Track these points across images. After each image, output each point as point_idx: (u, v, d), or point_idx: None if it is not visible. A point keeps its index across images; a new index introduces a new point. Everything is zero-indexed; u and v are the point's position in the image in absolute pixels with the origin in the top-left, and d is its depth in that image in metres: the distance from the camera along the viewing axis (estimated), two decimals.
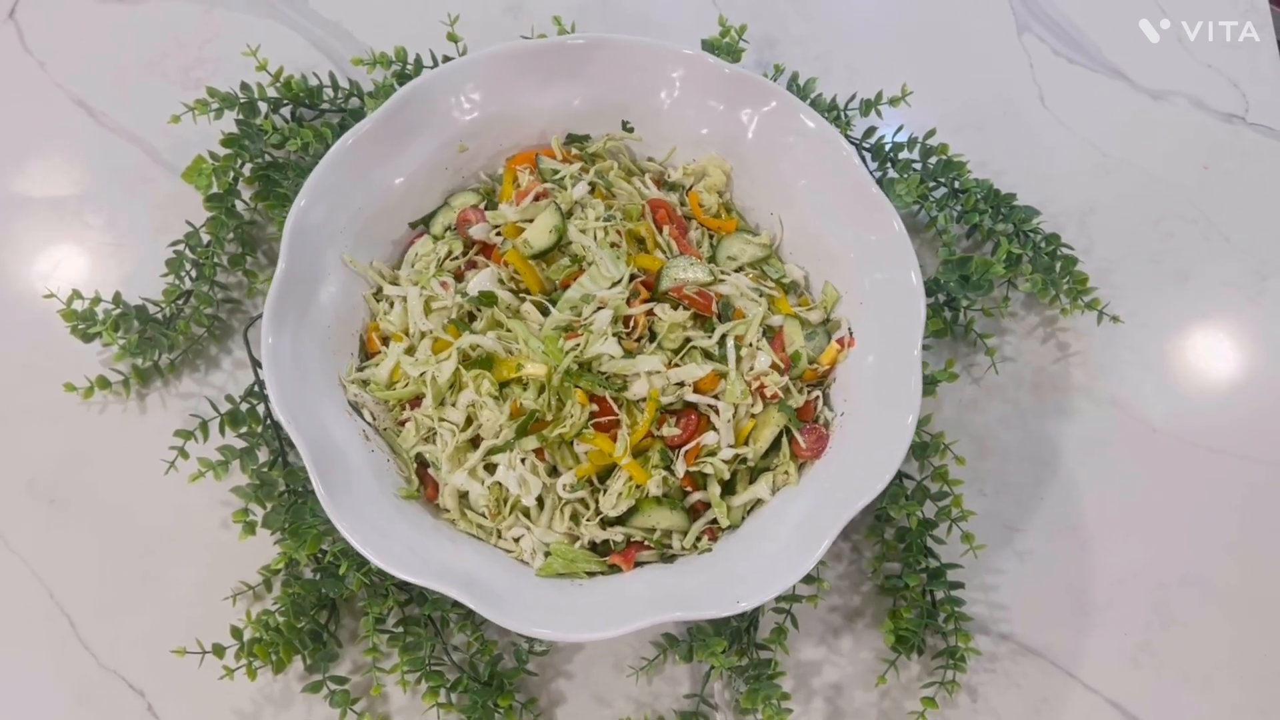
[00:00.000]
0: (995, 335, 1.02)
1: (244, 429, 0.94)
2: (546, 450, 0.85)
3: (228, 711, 0.91)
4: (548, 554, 0.84)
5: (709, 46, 1.04)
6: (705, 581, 0.81)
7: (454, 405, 0.86)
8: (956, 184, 1.03)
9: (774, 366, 0.88)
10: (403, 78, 1.04)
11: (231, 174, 0.99)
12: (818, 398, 0.90)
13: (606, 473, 0.86)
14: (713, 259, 0.95)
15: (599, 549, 0.87)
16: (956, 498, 0.93)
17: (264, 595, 0.93)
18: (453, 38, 1.03)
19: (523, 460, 0.84)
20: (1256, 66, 1.14)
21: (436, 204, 0.96)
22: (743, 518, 0.88)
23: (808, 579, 0.88)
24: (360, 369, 0.90)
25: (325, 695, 0.88)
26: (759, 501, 0.88)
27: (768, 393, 0.87)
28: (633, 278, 0.88)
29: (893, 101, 1.03)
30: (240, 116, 1.02)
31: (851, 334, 0.90)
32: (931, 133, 1.03)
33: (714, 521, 0.87)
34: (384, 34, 1.12)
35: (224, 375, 1.00)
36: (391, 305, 0.91)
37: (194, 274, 0.98)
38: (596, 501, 0.86)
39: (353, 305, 0.90)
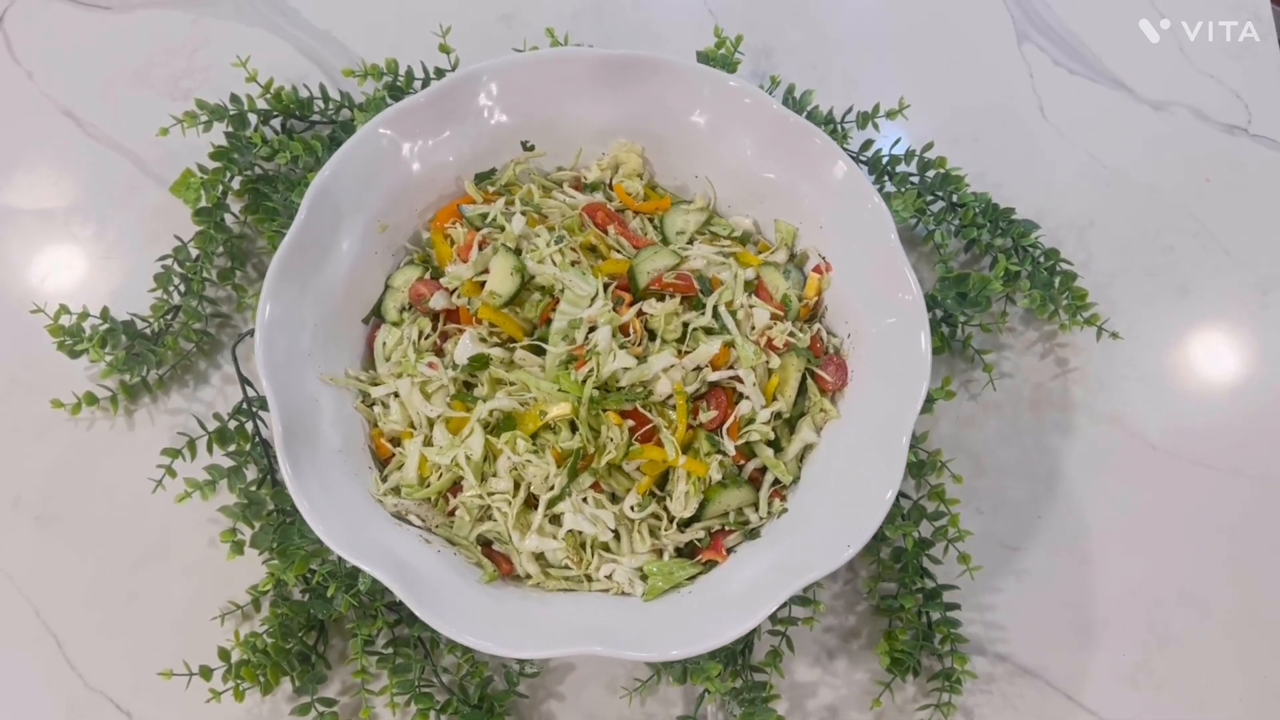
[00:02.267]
0: (993, 351, 1.01)
1: (232, 447, 0.93)
2: (601, 481, 0.84)
3: None
4: (644, 577, 0.84)
5: (704, 57, 1.02)
6: (802, 541, 0.82)
7: (495, 475, 0.85)
8: (954, 198, 1.01)
9: (773, 317, 0.90)
10: (394, 89, 1.02)
11: (220, 187, 0.98)
12: (819, 330, 0.92)
13: (663, 480, 0.86)
14: (664, 240, 0.94)
15: (685, 552, 0.87)
16: (953, 517, 0.91)
17: (252, 615, 0.92)
18: (444, 49, 1.02)
19: (584, 500, 0.84)
20: (1258, 77, 1.13)
21: (379, 292, 0.93)
22: (799, 467, 0.89)
23: (803, 601, 0.87)
24: (384, 479, 0.87)
25: (314, 717, 0.87)
26: (809, 447, 0.88)
27: (777, 344, 0.89)
28: (605, 287, 0.88)
29: (890, 114, 1.02)
30: (229, 129, 1.00)
31: (824, 259, 0.91)
32: (929, 146, 1.02)
33: (776, 482, 0.88)
34: (376, 44, 1.11)
35: (213, 391, 0.99)
36: (386, 406, 0.89)
37: (182, 289, 0.97)
38: (666, 510, 0.86)
39: (349, 420, 0.87)
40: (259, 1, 1.14)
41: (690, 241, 0.94)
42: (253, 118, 1.02)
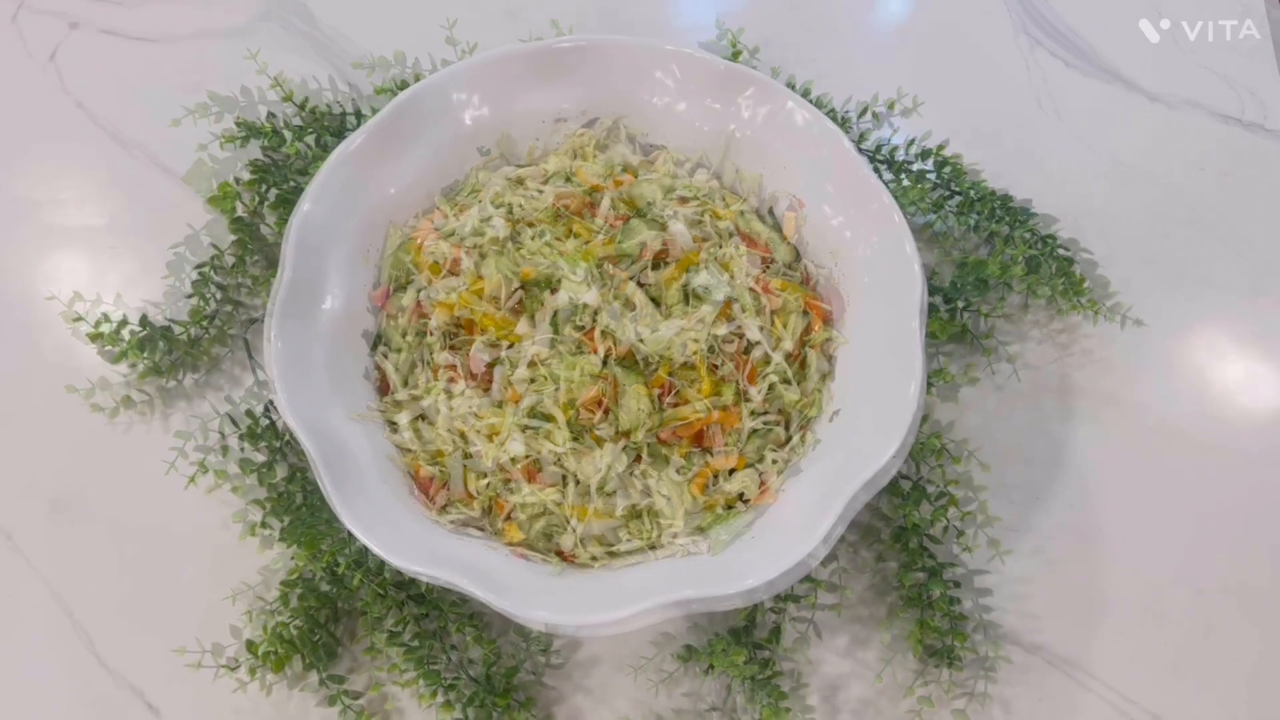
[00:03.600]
0: (1016, 342, 1.02)
1: (262, 443, 0.94)
2: (642, 452, 0.86)
3: (229, 713, 0.90)
4: (704, 534, 0.86)
5: (706, 49, 1.03)
6: (844, 462, 0.83)
7: (541, 471, 0.86)
8: (953, 185, 1.04)
9: (763, 261, 0.92)
10: (401, 82, 1.04)
11: (256, 198, 1.01)
12: (805, 264, 0.94)
13: (698, 438, 0.88)
14: (638, 213, 0.96)
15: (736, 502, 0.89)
16: (982, 503, 0.93)
17: (270, 600, 0.91)
18: (451, 41, 1.04)
19: (631, 474, 0.86)
20: (1255, 70, 1.15)
21: (375, 322, 0.93)
22: (820, 397, 0.91)
23: (830, 587, 0.88)
24: (432, 500, 0.87)
25: (332, 702, 0.88)
26: (824, 375, 0.91)
27: (772, 286, 0.91)
28: (599, 268, 0.89)
29: (889, 104, 1.05)
30: (239, 118, 1.03)
31: (795, 197, 0.94)
32: (927, 134, 1.05)
33: (802, 415, 0.90)
34: (383, 39, 1.12)
35: (242, 390, 1.00)
36: (417, 433, 0.89)
37: (219, 295, 0.99)
38: (708, 466, 0.88)
39: (384, 452, 0.87)
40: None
41: (662, 209, 0.96)
42: (263, 109, 1.04)
